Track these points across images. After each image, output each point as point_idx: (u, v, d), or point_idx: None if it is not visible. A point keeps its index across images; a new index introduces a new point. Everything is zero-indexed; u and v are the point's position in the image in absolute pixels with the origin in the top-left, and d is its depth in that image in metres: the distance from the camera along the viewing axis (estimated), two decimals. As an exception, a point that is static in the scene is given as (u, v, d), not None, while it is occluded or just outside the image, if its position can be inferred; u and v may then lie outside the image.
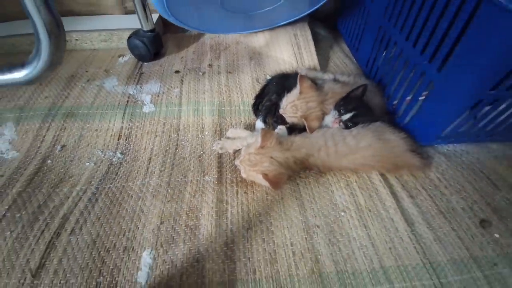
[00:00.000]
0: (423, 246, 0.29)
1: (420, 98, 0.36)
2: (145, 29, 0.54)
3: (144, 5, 0.51)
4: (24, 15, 0.26)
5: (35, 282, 0.27)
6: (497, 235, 0.30)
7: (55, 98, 0.48)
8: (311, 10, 0.51)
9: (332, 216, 0.32)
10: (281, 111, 0.42)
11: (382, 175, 0.36)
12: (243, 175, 0.35)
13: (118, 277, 0.27)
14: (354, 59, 0.59)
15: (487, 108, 0.34)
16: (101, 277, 0.27)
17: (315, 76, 0.50)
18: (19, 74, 0.29)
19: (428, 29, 0.33)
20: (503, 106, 0.34)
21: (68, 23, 0.65)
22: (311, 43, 0.56)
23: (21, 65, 0.29)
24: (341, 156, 0.35)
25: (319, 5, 0.49)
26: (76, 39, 0.61)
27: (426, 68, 0.34)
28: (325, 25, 0.70)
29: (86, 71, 0.55)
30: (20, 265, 0.28)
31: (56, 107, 0.46)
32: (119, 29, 0.61)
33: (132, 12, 0.64)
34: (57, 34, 0.28)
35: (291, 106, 0.40)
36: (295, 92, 0.41)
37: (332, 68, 0.58)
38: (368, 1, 0.49)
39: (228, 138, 0.42)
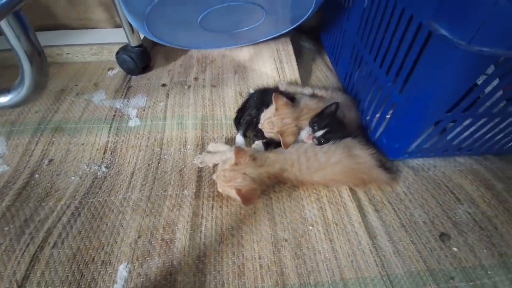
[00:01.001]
0: (382, 259, 0.31)
1: (387, 116, 0.38)
2: (132, 45, 0.56)
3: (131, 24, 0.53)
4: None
5: (19, 293, 0.29)
6: (455, 249, 0.32)
7: (45, 112, 0.50)
8: (291, 28, 0.53)
9: (301, 230, 0.34)
10: (259, 126, 0.44)
11: (351, 189, 0.38)
12: (219, 189, 0.37)
13: (99, 279, 0.29)
14: (335, 72, 0.61)
15: (451, 124, 0.36)
16: (86, 277, 0.29)
17: (295, 91, 0.52)
18: (4, 99, 0.31)
19: (391, 53, 0.35)
20: (467, 122, 0.36)
21: (60, 37, 0.68)
22: (293, 57, 0.58)
23: (7, 90, 0.31)
24: (313, 171, 0.37)
25: (299, 23, 0.51)
26: (68, 53, 0.63)
27: (390, 89, 0.36)
28: (309, 37, 0.72)
29: (76, 85, 0.57)
30: (8, 276, 0.30)
31: (46, 122, 0.48)
32: (109, 43, 0.63)
33: (117, 27, 0.66)
34: (38, 61, 0.30)
35: (267, 122, 0.42)
36: (272, 109, 0.43)
37: (314, 81, 0.60)
38: (345, 18, 0.51)
39: (209, 152, 0.44)
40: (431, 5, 0.25)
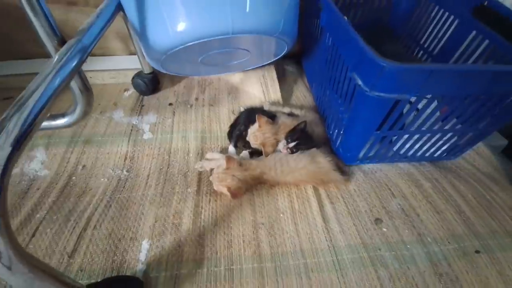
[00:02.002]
0: (331, 236, 0.43)
1: (341, 132, 0.51)
2: (145, 72, 0.69)
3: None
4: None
5: (70, 261, 0.41)
6: (385, 229, 0.45)
7: (76, 128, 0.62)
8: (274, 60, 0.66)
9: (274, 216, 0.46)
10: (247, 139, 0.57)
11: (314, 188, 0.50)
12: (215, 188, 0.49)
13: (126, 256, 0.41)
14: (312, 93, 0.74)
15: (394, 138, 0.48)
16: (115, 256, 0.40)
17: (276, 109, 0.65)
18: (62, 121, 0.43)
19: (341, 86, 0.47)
20: (405, 136, 0.49)
21: (90, 62, 0.80)
22: (276, 82, 0.71)
23: (62, 115, 0.44)
24: (285, 174, 0.49)
25: (280, 56, 0.64)
26: (90, 77, 0.75)
27: (342, 112, 0.49)
28: (293, 61, 0.86)
29: (99, 104, 0.69)
30: (59, 251, 0.42)
31: (77, 135, 0.61)
32: (124, 68, 0.76)
33: (135, 53, 0.79)
34: (87, 96, 0.42)
35: (253, 136, 0.55)
36: (256, 125, 0.55)
37: (294, 100, 0.73)
38: (316, 50, 0.64)
39: (207, 159, 0.56)
40: (352, 63, 0.38)
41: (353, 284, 0.38)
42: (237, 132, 0.59)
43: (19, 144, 0.23)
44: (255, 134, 0.54)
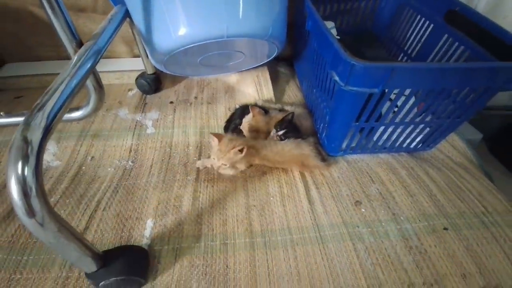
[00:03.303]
0: (315, 216, 0.48)
1: (326, 125, 0.56)
2: (148, 72, 0.75)
3: (148, 56, 0.71)
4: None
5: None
6: (363, 210, 0.50)
7: (84, 124, 0.68)
8: (267, 60, 0.72)
9: (265, 199, 0.51)
10: (240, 127, 0.62)
11: (301, 174, 0.56)
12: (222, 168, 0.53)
13: (133, 233, 0.46)
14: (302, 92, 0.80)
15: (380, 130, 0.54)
16: (123, 233, 0.46)
17: (269, 106, 0.71)
18: (76, 114, 0.49)
19: (325, 82, 0.53)
20: (381, 129, 0.54)
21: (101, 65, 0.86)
22: (269, 82, 0.77)
23: (77, 108, 0.49)
24: (274, 153, 0.55)
25: (271, 58, 0.70)
26: (105, 78, 0.81)
27: (326, 107, 0.54)
28: (285, 63, 0.92)
29: (105, 102, 0.75)
30: (76, 226, 0.47)
31: (86, 130, 0.66)
32: (128, 70, 0.82)
33: (138, 56, 0.85)
34: (100, 92, 0.48)
35: (246, 125, 0.60)
36: (250, 115, 0.61)
37: (286, 99, 0.79)
38: (305, 50, 0.70)
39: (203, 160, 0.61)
40: (330, 62, 0.44)
41: (332, 255, 0.43)
42: (233, 125, 0.64)
43: (50, 126, 0.29)
44: (250, 123, 0.60)
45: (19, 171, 0.25)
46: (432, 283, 0.41)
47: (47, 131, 0.28)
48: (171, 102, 0.75)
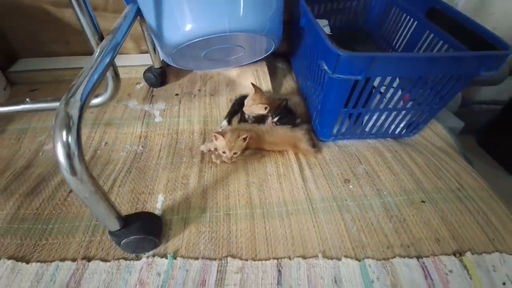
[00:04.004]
0: (308, 191, 0.54)
1: (318, 112, 0.62)
2: (155, 66, 0.81)
3: (155, 52, 0.77)
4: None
5: (101, 210, 0.51)
6: (351, 186, 0.56)
7: (98, 113, 0.74)
8: (265, 55, 0.78)
9: (263, 178, 0.57)
10: (243, 109, 0.67)
11: (296, 156, 0.61)
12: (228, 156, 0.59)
13: (146, 205, 0.52)
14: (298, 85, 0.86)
15: (366, 118, 0.60)
16: (137, 205, 0.51)
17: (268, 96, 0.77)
18: (97, 100, 0.54)
19: (317, 74, 0.59)
20: (365, 118, 0.60)
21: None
22: (267, 75, 0.83)
23: (96, 96, 0.55)
24: (271, 135, 0.61)
25: (269, 52, 0.76)
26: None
27: (318, 95, 0.60)
28: (283, 59, 0.98)
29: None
30: (93, 202, 0.53)
31: (99, 119, 0.72)
32: (136, 65, 0.87)
33: (145, 52, 0.91)
34: (116, 81, 0.54)
35: (251, 99, 0.66)
36: (251, 95, 0.66)
37: (283, 90, 0.85)
38: (300, 46, 0.76)
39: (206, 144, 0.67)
40: (320, 53, 0.50)
41: (322, 223, 0.49)
42: (232, 110, 0.70)
43: (84, 103, 0.34)
44: (252, 97, 0.65)
45: (64, 138, 0.31)
46: (408, 245, 0.46)
47: (82, 107, 0.34)
48: (177, 94, 0.81)
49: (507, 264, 0.45)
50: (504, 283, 0.43)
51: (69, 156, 0.31)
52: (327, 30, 0.84)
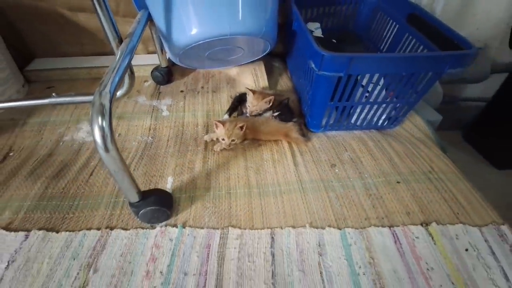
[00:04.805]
0: (299, 174, 0.62)
1: (308, 106, 0.70)
2: (162, 66, 0.88)
3: (162, 52, 0.85)
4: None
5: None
6: (337, 170, 0.64)
7: (110, 108, 0.81)
8: (262, 55, 0.86)
9: (260, 163, 0.65)
10: (251, 110, 0.74)
11: (289, 145, 0.69)
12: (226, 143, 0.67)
13: (158, 186, 0.59)
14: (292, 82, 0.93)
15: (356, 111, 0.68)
16: (151, 185, 0.59)
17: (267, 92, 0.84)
18: (119, 92, 0.62)
19: (308, 72, 0.67)
20: (351, 110, 0.68)
21: (111, 60, 0.99)
22: (264, 74, 0.91)
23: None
24: (265, 126, 0.68)
25: (266, 52, 0.84)
26: (117, 71, 0.95)
27: (307, 92, 0.68)
28: (279, 59, 1.05)
29: (125, 91, 0.88)
30: (113, 183, 0.60)
31: (112, 114, 0.79)
32: (144, 64, 0.95)
33: (152, 52, 0.99)
34: (132, 76, 0.61)
35: (254, 99, 0.73)
36: (251, 95, 0.74)
37: (279, 88, 0.93)
38: (293, 47, 0.84)
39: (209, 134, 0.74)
40: (308, 54, 0.58)
41: (310, 200, 0.57)
42: (231, 105, 0.78)
43: (112, 95, 0.42)
44: (253, 99, 0.73)
45: (100, 123, 0.38)
46: (383, 217, 0.54)
47: (111, 99, 0.41)
48: (182, 91, 0.89)
49: (470, 234, 0.52)
50: (467, 249, 0.50)
51: (103, 137, 0.39)
52: (319, 32, 0.92)
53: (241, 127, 0.65)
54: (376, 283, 0.45)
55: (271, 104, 0.72)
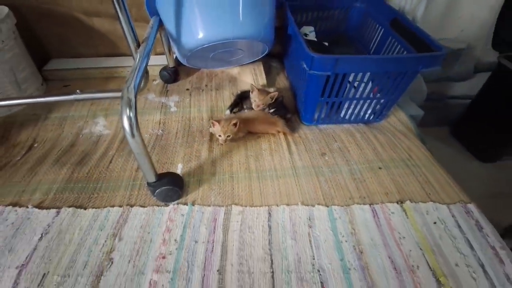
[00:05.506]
0: (293, 161, 0.71)
1: (302, 101, 0.78)
2: (170, 66, 0.97)
3: (170, 53, 0.93)
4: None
5: (136, 173, 0.68)
6: (327, 158, 0.72)
7: (124, 104, 0.90)
8: (261, 56, 0.95)
9: (259, 152, 0.73)
10: (255, 105, 0.82)
11: (285, 136, 0.78)
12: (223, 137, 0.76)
13: (170, 169, 0.68)
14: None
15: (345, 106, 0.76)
16: (163, 170, 0.68)
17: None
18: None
19: (302, 71, 0.75)
20: (345, 106, 0.76)
21: (124, 61, 1.08)
22: (263, 73, 0.99)
23: (129, 89, 0.71)
24: (256, 119, 0.77)
25: (264, 54, 0.92)
26: (128, 70, 1.03)
27: (301, 89, 0.76)
28: (276, 59, 1.14)
29: (136, 89, 0.97)
30: (129, 168, 0.69)
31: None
32: (152, 64, 1.03)
33: (161, 53, 1.07)
34: (146, 75, 0.70)
35: (259, 94, 0.81)
36: (255, 91, 0.82)
37: (276, 86, 1.01)
38: (289, 49, 0.92)
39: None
40: (301, 56, 0.66)
41: (303, 183, 0.66)
42: (233, 101, 0.87)
43: (136, 91, 0.51)
44: (258, 95, 0.81)
45: (128, 114, 0.47)
46: (365, 196, 0.63)
47: (136, 93, 0.50)
48: (187, 89, 0.97)
49: (439, 210, 0.61)
50: (435, 223, 0.59)
51: (131, 125, 0.47)
52: (313, 35, 1.01)
53: (235, 124, 0.73)
54: (356, 248, 0.54)
55: (274, 99, 0.81)
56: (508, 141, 1.30)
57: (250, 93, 0.82)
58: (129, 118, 0.47)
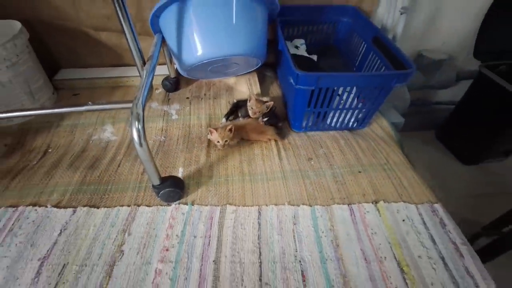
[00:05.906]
0: (282, 165, 0.79)
1: (291, 110, 0.87)
2: (171, 76, 1.05)
3: (171, 63, 1.02)
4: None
5: (142, 176, 0.76)
6: (313, 163, 0.80)
7: (129, 112, 0.98)
8: (254, 68, 1.03)
9: (251, 157, 0.82)
10: (252, 112, 0.91)
11: (276, 142, 0.86)
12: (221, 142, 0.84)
13: (172, 173, 0.76)
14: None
15: (331, 114, 0.84)
16: (166, 174, 0.76)
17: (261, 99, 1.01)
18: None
19: (288, 84, 0.84)
20: (330, 114, 0.85)
21: (128, 71, 1.16)
22: (257, 82, 1.07)
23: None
24: (248, 127, 0.85)
25: (257, 67, 1.00)
26: (132, 80, 1.11)
27: (290, 99, 0.85)
28: (270, 69, 1.22)
29: (140, 98, 1.05)
30: (136, 172, 0.77)
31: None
32: (155, 75, 1.11)
33: (162, 64, 1.15)
34: (151, 88, 0.78)
35: (257, 103, 0.89)
36: (253, 100, 0.90)
37: (270, 94, 1.09)
38: (281, 61, 1.00)
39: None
40: (288, 72, 0.74)
41: (290, 185, 0.74)
42: (229, 110, 0.95)
43: (144, 105, 0.59)
44: (256, 103, 0.89)
45: (136, 126, 0.55)
46: (344, 197, 0.71)
47: (143, 107, 0.58)
48: (187, 98, 1.06)
49: (408, 209, 0.69)
50: (403, 220, 0.67)
51: (139, 136, 0.55)
52: (303, 48, 1.09)
53: (230, 130, 0.81)
54: (333, 241, 0.62)
55: (269, 109, 0.89)
56: (489, 145, 1.38)
57: (248, 101, 0.90)
58: (138, 130, 0.55)
